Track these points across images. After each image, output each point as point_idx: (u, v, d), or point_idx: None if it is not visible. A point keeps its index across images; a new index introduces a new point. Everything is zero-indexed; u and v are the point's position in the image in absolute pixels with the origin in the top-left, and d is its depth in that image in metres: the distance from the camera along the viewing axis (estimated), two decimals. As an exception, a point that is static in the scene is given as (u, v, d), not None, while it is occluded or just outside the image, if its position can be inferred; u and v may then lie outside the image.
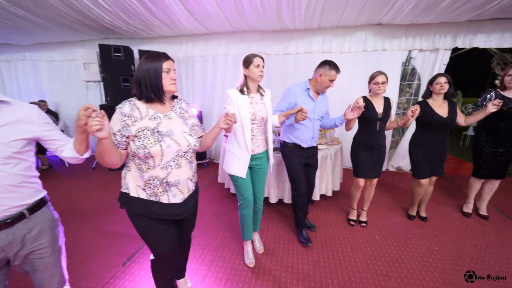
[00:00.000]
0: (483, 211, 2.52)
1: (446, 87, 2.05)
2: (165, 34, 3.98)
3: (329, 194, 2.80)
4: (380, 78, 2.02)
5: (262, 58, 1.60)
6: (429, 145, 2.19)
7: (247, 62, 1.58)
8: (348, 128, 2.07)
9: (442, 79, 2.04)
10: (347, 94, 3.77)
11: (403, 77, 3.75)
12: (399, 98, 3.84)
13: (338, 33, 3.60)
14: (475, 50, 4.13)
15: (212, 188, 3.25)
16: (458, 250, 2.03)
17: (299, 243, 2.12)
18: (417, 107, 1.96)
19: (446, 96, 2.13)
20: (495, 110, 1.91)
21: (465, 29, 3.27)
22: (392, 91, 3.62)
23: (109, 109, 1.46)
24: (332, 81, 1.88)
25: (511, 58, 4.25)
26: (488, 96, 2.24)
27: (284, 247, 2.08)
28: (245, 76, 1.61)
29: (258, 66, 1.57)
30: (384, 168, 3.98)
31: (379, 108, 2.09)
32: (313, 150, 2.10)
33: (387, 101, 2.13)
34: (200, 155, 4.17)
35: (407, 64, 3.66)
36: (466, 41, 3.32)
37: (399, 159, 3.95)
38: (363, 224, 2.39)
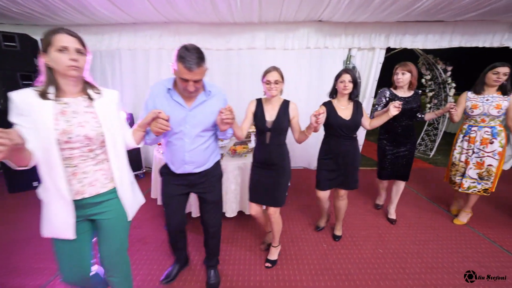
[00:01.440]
0: (392, 214, 2.47)
1: (350, 87, 1.77)
2: (80, 21, 3.27)
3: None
4: (272, 76, 1.56)
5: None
6: (334, 152, 1.91)
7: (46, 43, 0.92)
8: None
9: (347, 77, 1.76)
10: (293, 93, 3.64)
11: (344, 75, 3.80)
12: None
13: (280, 29, 3.44)
14: (406, 50, 4.48)
15: (143, 206, 2.76)
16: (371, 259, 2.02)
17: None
18: (323, 110, 1.44)
19: (351, 97, 1.88)
20: (397, 113, 1.74)
21: (396, 30, 3.44)
22: (335, 89, 3.65)
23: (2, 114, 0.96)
24: (185, 81, 1.18)
25: (433, 59, 4.73)
26: (383, 96, 2.19)
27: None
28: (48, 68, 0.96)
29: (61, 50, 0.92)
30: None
31: (271, 115, 1.65)
32: (199, 177, 1.44)
33: (284, 105, 1.66)
34: (136, 165, 3.60)
35: (348, 62, 3.72)
36: (397, 41, 3.50)
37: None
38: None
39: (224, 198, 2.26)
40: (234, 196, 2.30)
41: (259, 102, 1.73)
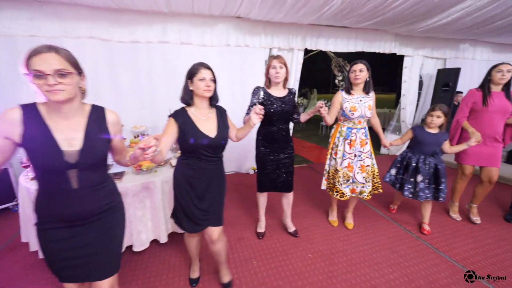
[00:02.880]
0: (290, 228, 2.23)
1: (212, 86, 1.32)
2: None
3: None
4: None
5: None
6: (195, 178, 1.38)
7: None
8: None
9: (207, 73, 1.29)
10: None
11: (268, 75, 3.77)
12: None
13: (196, 23, 3.09)
14: (321, 53, 4.83)
15: (14, 254, 1.97)
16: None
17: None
18: (171, 124, 1.28)
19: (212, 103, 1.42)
20: (259, 121, 1.39)
21: (311, 32, 3.60)
22: (260, 89, 3.57)
23: None
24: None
25: (343, 62, 5.30)
26: (257, 96, 1.84)
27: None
28: None
29: None
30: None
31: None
32: None
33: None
34: (6, 195, 2.61)
35: (270, 62, 3.69)
36: (312, 43, 3.67)
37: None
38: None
39: (128, 228, 1.79)
40: (143, 225, 1.85)
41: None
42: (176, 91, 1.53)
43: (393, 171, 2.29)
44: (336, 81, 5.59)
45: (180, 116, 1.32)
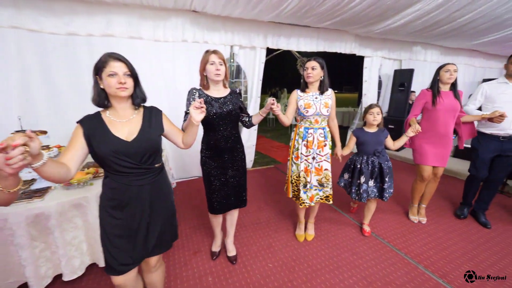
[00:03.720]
0: (230, 251, 1.95)
1: (129, 83, 1.05)
2: None
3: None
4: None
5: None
6: (122, 206, 1.12)
7: None
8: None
9: (119, 67, 1.02)
10: (172, 91, 3.13)
11: (230, 74, 3.61)
12: (230, 96, 3.71)
13: (146, 15, 2.80)
14: (286, 52, 4.79)
15: None
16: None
17: None
18: (76, 132, 1.02)
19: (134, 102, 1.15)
20: (202, 116, 1.19)
21: (272, 30, 3.51)
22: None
23: None
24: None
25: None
26: (191, 98, 1.58)
27: None
28: None
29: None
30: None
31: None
32: None
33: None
34: None
35: (232, 60, 3.53)
36: (274, 42, 3.59)
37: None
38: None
39: (55, 254, 1.52)
40: (75, 249, 1.57)
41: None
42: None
43: (346, 176, 2.25)
44: (302, 80, 5.63)
45: (89, 122, 1.04)
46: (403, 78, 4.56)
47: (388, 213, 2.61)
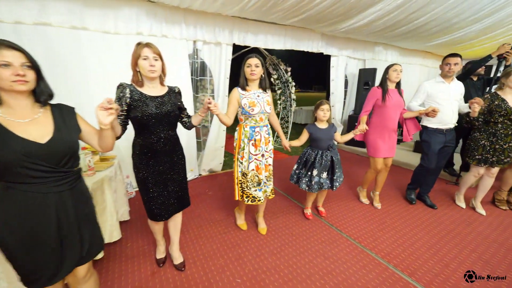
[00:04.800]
0: (176, 259, 1.80)
1: (29, 76, 0.89)
2: None
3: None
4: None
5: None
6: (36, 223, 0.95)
7: None
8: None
9: (13, 56, 0.86)
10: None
11: (194, 72, 3.36)
12: (196, 95, 3.47)
13: (92, 3, 2.44)
14: (255, 50, 4.65)
15: None
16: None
17: None
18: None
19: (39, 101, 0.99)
20: (110, 118, 1.01)
21: (239, 26, 3.34)
22: (185, 87, 3.14)
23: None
24: None
25: (277, 60, 5.28)
26: (122, 96, 1.38)
27: None
28: None
29: None
30: (196, 174, 3.54)
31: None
32: None
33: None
34: None
35: (196, 56, 3.29)
36: (241, 38, 3.42)
37: (209, 160, 3.67)
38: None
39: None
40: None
41: None
42: (67, 87, 1.07)
43: (297, 169, 2.35)
44: (272, 79, 5.55)
45: None
46: (367, 77, 4.72)
47: (357, 211, 2.62)
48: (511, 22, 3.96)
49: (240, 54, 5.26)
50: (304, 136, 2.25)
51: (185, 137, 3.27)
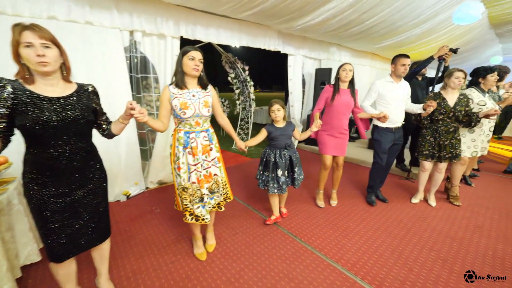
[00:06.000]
0: (102, 283, 1.49)
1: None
2: None
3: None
4: None
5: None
6: None
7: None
8: None
9: None
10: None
11: (134, 68, 2.86)
12: (137, 95, 2.96)
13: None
14: (209, 47, 4.28)
15: None
16: None
17: None
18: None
19: None
20: None
21: (186, 17, 2.95)
22: (122, 85, 2.63)
23: None
24: None
25: (233, 57, 4.97)
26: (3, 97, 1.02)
27: None
28: None
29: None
30: (141, 188, 3.03)
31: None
32: None
33: None
34: None
35: (134, 50, 2.79)
36: (189, 31, 3.03)
37: (158, 171, 3.19)
38: None
39: None
40: None
41: None
42: None
43: (262, 171, 2.26)
44: (229, 78, 5.24)
45: None
46: (323, 77, 4.75)
47: (320, 216, 2.49)
48: (442, 28, 4.37)
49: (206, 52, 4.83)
50: (261, 135, 2.17)
51: (124, 145, 2.76)
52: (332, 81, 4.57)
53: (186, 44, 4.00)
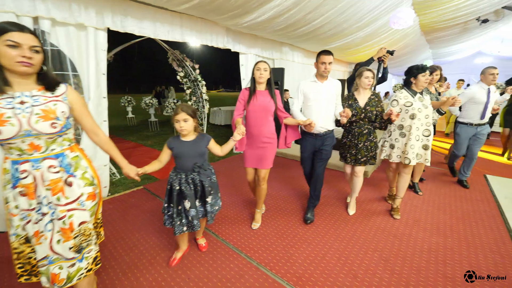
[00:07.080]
0: None
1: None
2: None
3: None
4: None
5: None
6: None
7: None
8: None
9: None
10: None
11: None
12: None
13: None
14: (153, 42, 3.85)
15: None
16: None
17: None
18: None
19: None
20: None
21: (113, 7, 2.54)
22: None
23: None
24: None
25: (181, 55, 4.61)
26: None
27: None
28: None
29: None
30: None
31: None
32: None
33: None
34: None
35: (44, 41, 2.29)
36: (118, 23, 2.63)
37: None
38: None
39: None
40: None
41: None
42: None
43: (165, 203, 1.68)
44: (178, 77, 4.85)
45: None
46: (276, 77, 4.68)
47: (271, 236, 2.36)
48: (382, 32, 4.67)
49: (133, 45, 4.33)
50: (165, 155, 1.63)
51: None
52: (286, 81, 4.48)
53: (116, 37, 3.52)
